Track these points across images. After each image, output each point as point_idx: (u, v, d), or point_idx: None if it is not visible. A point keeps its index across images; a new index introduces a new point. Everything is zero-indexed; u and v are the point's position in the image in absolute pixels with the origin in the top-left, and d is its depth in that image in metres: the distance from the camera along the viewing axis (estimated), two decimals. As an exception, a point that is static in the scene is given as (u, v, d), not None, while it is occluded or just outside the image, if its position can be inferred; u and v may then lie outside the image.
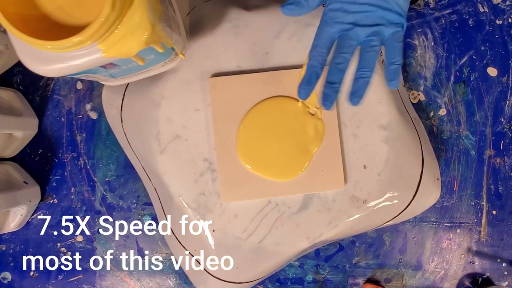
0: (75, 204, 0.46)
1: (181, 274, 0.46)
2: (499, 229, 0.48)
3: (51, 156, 0.46)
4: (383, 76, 0.39)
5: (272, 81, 0.38)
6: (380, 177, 0.38)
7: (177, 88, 0.38)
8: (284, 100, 0.38)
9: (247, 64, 0.39)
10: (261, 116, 0.38)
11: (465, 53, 0.48)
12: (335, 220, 0.39)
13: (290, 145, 0.38)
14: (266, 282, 0.47)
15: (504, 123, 0.48)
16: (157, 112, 0.38)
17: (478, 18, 0.48)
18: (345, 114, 0.39)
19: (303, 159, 0.38)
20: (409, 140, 0.40)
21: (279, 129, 0.38)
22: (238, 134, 0.38)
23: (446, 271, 0.47)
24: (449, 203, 0.47)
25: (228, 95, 0.38)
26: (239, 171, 0.38)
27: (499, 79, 0.48)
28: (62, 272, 0.46)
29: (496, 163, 0.48)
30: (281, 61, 0.39)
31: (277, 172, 0.38)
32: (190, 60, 0.39)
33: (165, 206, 0.41)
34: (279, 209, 0.39)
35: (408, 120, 0.42)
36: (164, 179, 0.39)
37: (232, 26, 0.39)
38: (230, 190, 0.38)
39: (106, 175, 0.46)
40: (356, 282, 0.47)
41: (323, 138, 0.38)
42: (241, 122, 0.38)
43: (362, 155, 0.39)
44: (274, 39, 0.39)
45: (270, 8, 0.39)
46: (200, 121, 0.38)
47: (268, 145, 0.38)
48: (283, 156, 0.38)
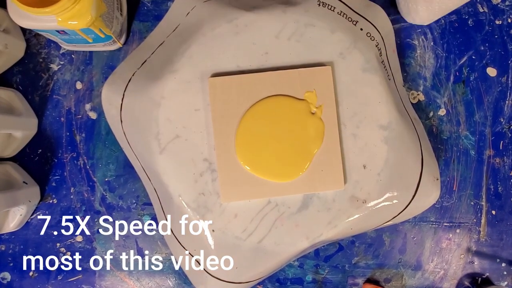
0: (74, 204, 0.46)
1: (181, 274, 0.46)
2: (499, 229, 0.48)
3: (51, 156, 0.46)
4: (383, 76, 0.39)
5: (272, 81, 0.38)
6: (379, 177, 0.39)
7: (177, 88, 0.38)
8: (284, 99, 0.38)
9: (246, 64, 0.39)
10: (260, 116, 0.38)
11: (465, 53, 0.48)
12: (335, 220, 0.39)
13: (290, 145, 0.38)
14: (265, 282, 0.47)
15: (503, 123, 0.48)
16: (157, 112, 0.38)
17: (477, 18, 0.48)
18: (345, 114, 0.39)
19: (303, 159, 0.38)
20: (409, 140, 0.40)
21: (278, 129, 0.38)
22: (237, 135, 0.38)
23: (446, 271, 0.47)
24: (448, 203, 0.47)
25: (228, 95, 0.38)
26: (239, 171, 0.38)
27: (499, 79, 0.48)
28: (62, 272, 0.46)
29: (496, 163, 0.48)
30: (281, 61, 0.39)
31: (277, 173, 0.38)
32: (190, 60, 0.39)
33: (164, 206, 0.41)
34: (279, 209, 0.39)
35: (408, 120, 0.42)
36: (164, 179, 0.39)
37: (232, 26, 0.39)
38: (230, 190, 0.38)
39: (106, 175, 0.46)
40: (356, 282, 0.47)
41: (323, 138, 0.38)
42: (239, 122, 0.38)
43: (361, 155, 0.39)
44: (274, 39, 0.39)
45: (270, 8, 0.39)
46: (200, 121, 0.38)
47: (268, 145, 0.38)
48: (283, 156, 0.38)
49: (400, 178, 0.39)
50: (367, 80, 0.39)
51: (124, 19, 0.46)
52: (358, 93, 0.39)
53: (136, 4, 0.47)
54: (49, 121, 0.46)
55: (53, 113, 0.46)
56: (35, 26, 0.38)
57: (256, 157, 0.38)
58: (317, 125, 0.38)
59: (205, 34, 0.39)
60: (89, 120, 0.46)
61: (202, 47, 0.39)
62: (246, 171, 0.38)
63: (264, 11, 0.39)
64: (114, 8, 0.43)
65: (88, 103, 0.46)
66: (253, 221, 0.38)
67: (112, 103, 0.41)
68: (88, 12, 0.37)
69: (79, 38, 0.41)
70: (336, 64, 0.39)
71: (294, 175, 0.38)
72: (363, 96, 0.39)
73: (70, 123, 0.46)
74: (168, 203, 0.40)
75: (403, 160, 0.39)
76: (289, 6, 0.39)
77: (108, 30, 0.41)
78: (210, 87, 0.38)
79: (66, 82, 0.46)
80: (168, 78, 0.38)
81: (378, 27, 0.42)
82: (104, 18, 0.40)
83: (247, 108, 0.38)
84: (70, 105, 0.46)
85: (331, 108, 0.38)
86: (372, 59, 0.39)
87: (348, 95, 0.39)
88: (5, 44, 0.43)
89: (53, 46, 0.46)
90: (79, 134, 0.46)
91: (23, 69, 0.46)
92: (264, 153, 0.38)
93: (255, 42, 0.39)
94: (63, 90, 0.46)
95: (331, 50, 0.39)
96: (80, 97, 0.46)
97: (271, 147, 0.38)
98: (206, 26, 0.39)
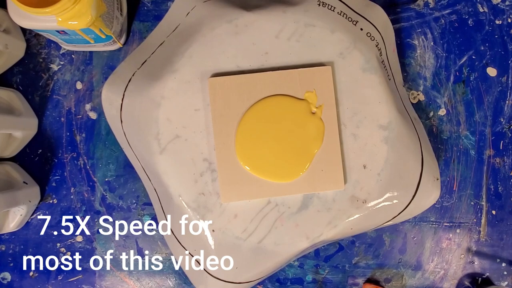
0: (74, 204, 0.46)
1: (181, 274, 0.46)
2: (499, 229, 0.48)
3: (51, 156, 0.46)
4: (383, 76, 0.39)
5: (272, 81, 0.38)
6: (379, 177, 0.39)
7: (177, 88, 0.38)
8: (284, 99, 0.38)
9: (246, 64, 0.39)
10: (260, 116, 0.38)
11: (465, 53, 0.48)
12: (335, 220, 0.39)
13: (290, 145, 0.38)
14: (265, 282, 0.47)
15: (503, 123, 0.48)
16: (157, 112, 0.38)
17: (477, 18, 0.48)
18: (345, 114, 0.39)
19: (303, 160, 0.38)
20: (409, 140, 0.40)
21: (278, 129, 0.38)
22: (237, 135, 0.38)
23: (446, 271, 0.47)
24: (448, 203, 0.47)
25: (228, 95, 0.38)
26: (239, 171, 0.38)
27: (499, 79, 0.48)
28: (62, 272, 0.46)
29: (496, 163, 0.48)
30: (281, 61, 0.39)
31: (277, 174, 0.38)
32: (190, 60, 0.39)
33: (164, 206, 0.41)
34: (279, 209, 0.39)
35: (408, 120, 0.42)
36: (164, 179, 0.39)
37: (231, 26, 0.39)
38: (230, 190, 0.38)
39: (106, 175, 0.46)
40: (356, 282, 0.47)
41: (323, 138, 0.38)
42: (239, 122, 0.38)
43: (362, 155, 0.39)
44: (273, 39, 0.39)
45: (270, 8, 0.39)
46: (200, 121, 0.38)
47: (268, 145, 0.38)
48: (283, 157, 0.38)
49: (400, 178, 0.39)
50: (367, 80, 0.39)
51: (124, 19, 0.46)
52: (358, 93, 0.39)
53: (136, 4, 0.47)
54: (49, 121, 0.46)
55: (53, 113, 0.46)
56: (35, 26, 0.38)
57: (256, 157, 0.38)
58: (317, 125, 0.38)
59: (205, 35, 0.39)
60: (89, 120, 0.46)
61: (202, 47, 0.39)
62: (246, 171, 0.38)
63: (264, 11, 0.39)
64: (114, 8, 0.42)
65: (88, 103, 0.46)
66: (253, 221, 0.38)
67: (112, 103, 0.41)
68: (88, 12, 0.37)
69: (79, 38, 0.41)
70: (336, 64, 0.39)
71: (294, 175, 0.38)
72: (363, 96, 0.39)
73: (70, 123, 0.46)
74: (168, 203, 0.40)
75: (403, 160, 0.39)
76: (289, 6, 0.39)
77: (108, 30, 0.41)
78: (210, 87, 0.38)
79: (66, 82, 0.46)
80: (168, 78, 0.38)
81: (378, 27, 0.42)
82: (104, 18, 0.40)
83: (247, 108, 0.38)
84: (70, 105, 0.46)
85: (331, 108, 0.38)
86: (372, 59, 0.39)
87: (348, 95, 0.39)
88: (5, 44, 0.43)
89: (53, 46, 0.46)
90: (79, 134, 0.46)
91: (23, 69, 0.46)
92: (264, 153, 0.38)
93: (255, 42, 0.39)
94: (63, 90, 0.46)
95: (331, 50, 0.39)
96: (80, 97, 0.46)
97: (271, 147, 0.38)
98: (206, 26, 0.39)
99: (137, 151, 0.41)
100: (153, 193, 0.43)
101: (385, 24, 0.44)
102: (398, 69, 0.45)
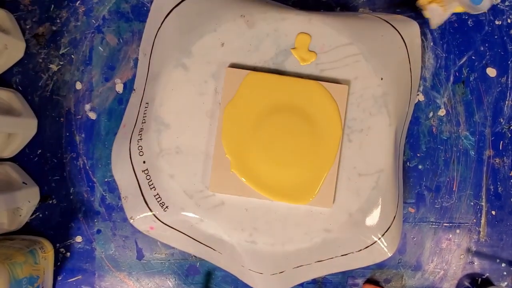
0: (74, 204, 0.46)
1: (180, 275, 0.46)
2: (499, 230, 0.48)
3: (50, 156, 0.46)
4: (391, 120, 0.39)
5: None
6: (352, 215, 0.39)
7: (177, 88, 0.38)
8: (295, 117, 0.38)
9: (263, 63, 0.39)
10: (267, 129, 0.38)
11: (465, 54, 0.48)
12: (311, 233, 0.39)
13: (300, 165, 0.38)
14: (265, 282, 0.47)
15: (503, 123, 0.48)
16: (158, 112, 0.38)
17: (477, 19, 0.48)
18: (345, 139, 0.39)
19: (313, 182, 0.38)
20: (391, 194, 0.40)
21: (285, 147, 0.38)
22: (238, 139, 0.38)
23: (446, 272, 0.47)
24: (448, 204, 0.47)
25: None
26: (232, 173, 0.38)
27: (499, 80, 0.48)
28: (61, 273, 0.46)
29: (496, 163, 0.48)
30: (299, 68, 0.39)
31: (284, 194, 0.38)
32: (190, 60, 0.39)
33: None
34: (277, 209, 0.39)
35: (397, 167, 0.41)
36: (164, 178, 0.39)
37: (243, 21, 0.39)
38: (219, 182, 0.38)
39: (106, 176, 0.46)
40: (356, 283, 0.47)
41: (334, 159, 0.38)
42: (245, 130, 0.38)
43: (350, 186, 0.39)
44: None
45: (294, 13, 0.39)
46: (200, 121, 0.38)
47: (274, 162, 0.38)
48: (292, 177, 0.38)
49: (370, 222, 0.39)
50: (375, 117, 0.39)
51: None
52: (363, 125, 0.39)
53: (136, 4, 0.47)
54: (48, 121, 0.46)
55: (53, 114, 0.46)
56: None
57: (258, 173, 0.38)
58: (327, 147, 0.38)
59: (206, 34, 0.39)
60: (89, 120, 0.46)
61: (202, 47, 0.39)
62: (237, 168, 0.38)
63: (288, 14, 0.38)
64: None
65: (88, 104, 0.46)
66: (251, 222, 0.38)
67: None
68: None
69: None
70: (351, 86, 0.39)
71: (305, 199, 0.38)
72: (367, 130, 0.39)
73: (70, 124, 0.46)
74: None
75: (381, 207, 0.39)
76: (313, 14, 0.39)
77: None
78: (226, 77, 0.37)
79: (66, 83, 0.46)
80: (168, 78, 0.38)
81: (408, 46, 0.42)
82: None
83: (257, 110, 0.38)
84: (70, 105, 0.46)
85: (337, 129, 0.38)
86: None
87: (353, 123, 0.39)
88: (5, 44, 0.43)
89: (52, 47, 0.46)
90: (78, 134, 0.46)
91: (23, 69, 0.46)
92: (268, 170, 0.38)
93: (278, 43, 0.38)
94: (63, 91, 0.46)
95: (350, 70, 0.39)
96: (80, 97, 0.46)
97: (278, 165, 0.38)
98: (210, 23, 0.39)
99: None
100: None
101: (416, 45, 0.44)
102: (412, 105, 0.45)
